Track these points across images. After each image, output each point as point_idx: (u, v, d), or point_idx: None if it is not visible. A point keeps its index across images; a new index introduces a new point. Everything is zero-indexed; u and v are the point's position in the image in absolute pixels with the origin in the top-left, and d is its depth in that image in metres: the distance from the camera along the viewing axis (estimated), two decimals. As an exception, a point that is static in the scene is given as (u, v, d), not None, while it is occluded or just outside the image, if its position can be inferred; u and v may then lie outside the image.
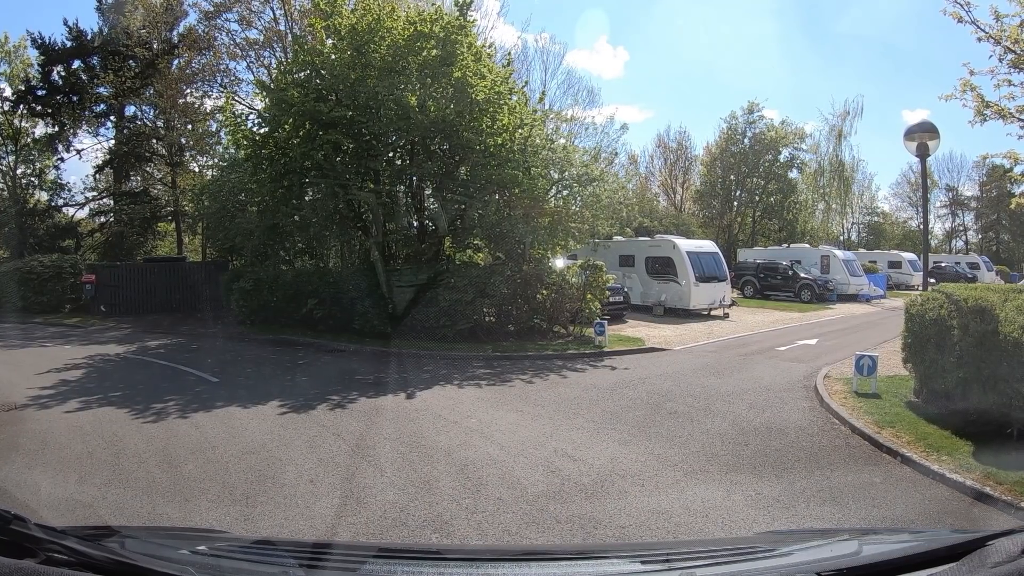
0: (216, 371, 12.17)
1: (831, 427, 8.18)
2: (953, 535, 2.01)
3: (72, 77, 30.87)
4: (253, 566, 1.91)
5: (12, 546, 1.49)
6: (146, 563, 1.61)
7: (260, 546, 2.17)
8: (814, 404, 9.43)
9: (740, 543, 2.59)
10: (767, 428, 8.02)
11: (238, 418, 8.44)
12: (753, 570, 1.91)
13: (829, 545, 2.17)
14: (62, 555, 1.52)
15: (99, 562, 1.54)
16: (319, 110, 13.73)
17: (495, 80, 14.72)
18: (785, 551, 2.07)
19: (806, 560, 1.93)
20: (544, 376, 11.60)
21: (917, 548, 1.85)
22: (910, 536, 2.42)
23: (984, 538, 1.67)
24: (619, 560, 2.18)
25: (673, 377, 11.35)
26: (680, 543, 4.08)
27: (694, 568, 1.88)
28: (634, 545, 4.25)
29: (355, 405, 9.18)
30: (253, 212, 18.19)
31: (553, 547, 4.36)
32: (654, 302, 22.61)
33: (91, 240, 33.72)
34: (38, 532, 1.56)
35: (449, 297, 14.38)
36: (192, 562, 1.80)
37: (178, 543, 2.13)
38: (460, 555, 2.29)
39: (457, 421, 8.25)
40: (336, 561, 2.02)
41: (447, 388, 10.57)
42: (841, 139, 43.79)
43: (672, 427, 8.00)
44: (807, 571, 1.72)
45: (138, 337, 18.24)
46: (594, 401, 9.48)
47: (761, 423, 8.26)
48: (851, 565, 1.69)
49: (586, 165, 15.90)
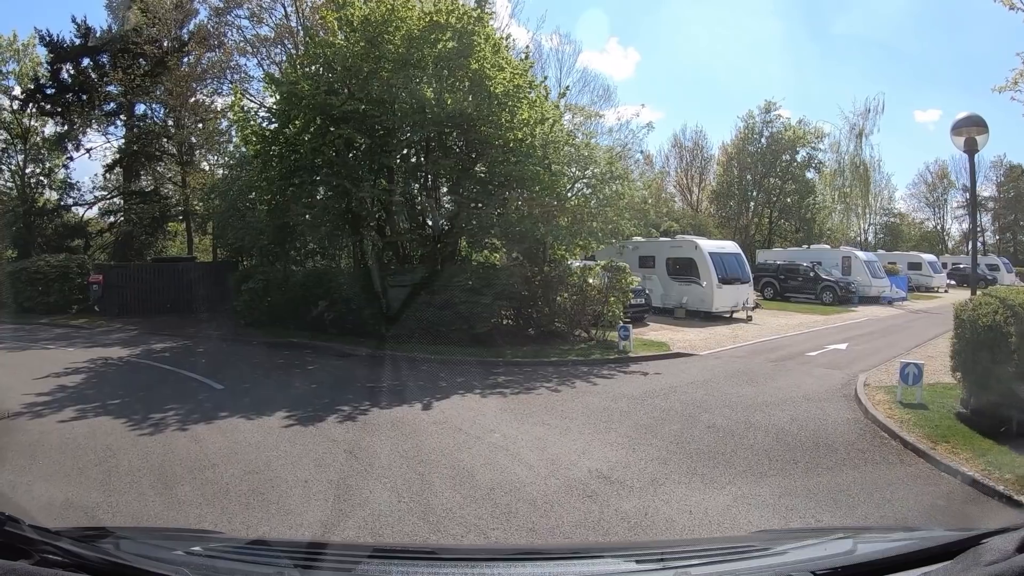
0: (221, 377, 11.54)
1: (881, 442, 7.59)
2: (947, 533, 1.98)
3: (81, 75, 30.40)
4: (248, 567, 1.89)
5: (6, 547, 1.47)
6: (140, 564, 1.60)
7: (255, 546, 2.15)
8: (858, 415, 8.85)
9: (735, 542, 2.58)
10: (814, 443, 7.41)
11: (242, 431, 7.81)
12: (748, 569, 1.89)
13: (823, 544, 2.15)
14: (56, 556, 1.51)
15: (93, 563, 1.53)
16: (330, 103, 13.05)
17: (514, 73, 14.04)
18: (780, 550, 2.06)
19: (801, 559, 1.92)
20: (570, 384, 10.93)
21: (912, 546, 1.84)
22: (904, 534, 2.39)
23: (978, 536, 1.66)
24: (614, 559, 2.16)
25: (705, 385, 10.66)
26: (675, 542, 4.06)
27: (689, 567, 1.87)
28: (629, 544, 4.23)
29: (367, 417, 8.51)
30: (262, 211, 17.61)
31: (548, 547, 4.23)
32: (675, 304, 21.86)
33: (100, 240, 33.44)
34: (32, 533, 1.55)
35: (467, 299, 13.68)
36: (187, 563, 1.77)
37: (173, 544, 2.11)
38: (455, 555, 2.24)
39: (479, 436, 7.56)
40: (331, 561, 2.00)
41: (467, 397, 9.88)
42: (862, 138, 42.85)
43: (713, 443, 7.34)
44: (802, 570, 1.70)
45: (144, 339, 17.71)
46: (625, 412, 8.80)
47: (807, 438, 7.65)
48: (846, 563, 1.69)
49: (610, 162, 15.16)
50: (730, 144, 51.72)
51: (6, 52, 31.06)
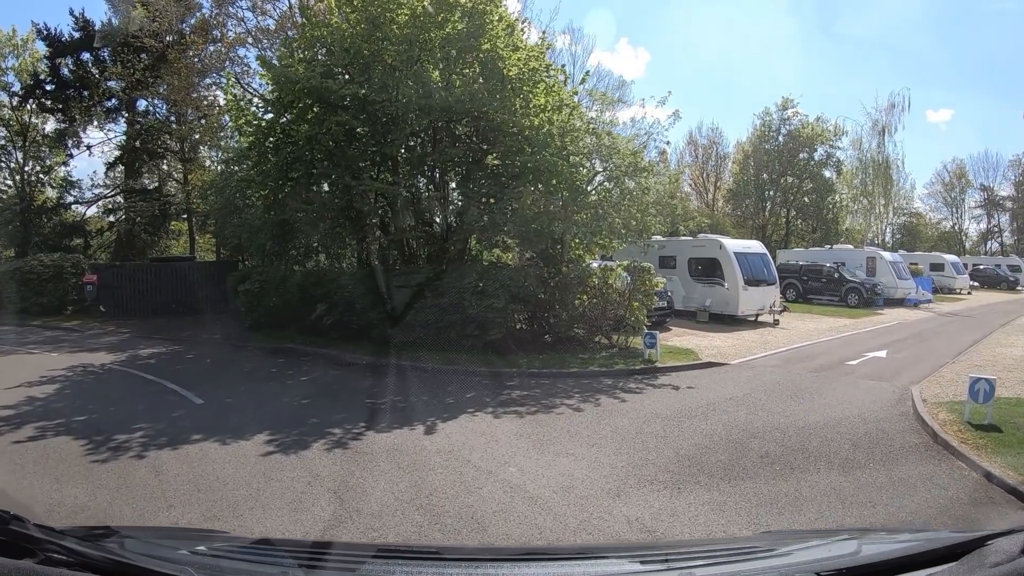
0: (204, 389, 10.39)
1: (960, 475, 6.48)
2: (953, 535, 1.89)
3: (81, 70, 29.70)
4: (252, 566, 1.86)
5: (11, 546, 1.46)
6: (145, 563, 1.58)
7: (259, 546, 2.09)
8: (926, 439, 7.73)
9: (739, 543, 2.54)
10: (889, 480, 6.26)
11: (212, 460, 6.65)
12: (752, 570, 1.84)
13: (828, 545, 2.12)
14: (61, 555, 1.49)
15: (98, 562, 1.51)
16: (327, 88, 11.81)
17: (529, 54, 12.80)
18: (784, 551, 2.02)
19: (805, 560, 1.89)
20: (593, 400, 9.65)
21: (916, 548, 1.79)
22: (910, 536, 2.28)
23: (983, 538, 1.63)
24: (618, 560, 2.12)
25: (745, 402, 9.43)
26: (679, 543, 3.96)
27: (693, 568, 1.84)
28: (633, 545, 4.12)
29: (360, 443, 7.29)
30: (259, 207, 16.50)
31: (553, 547, 4.19)
32: (697, 307, 20.58)
33: (101, 239, 32.61)
34: (37, 532, 1.54)
35: (478, 303, 12.36)
36: (191, 562, 1.75)
37: (177, 543, 2.08)
38: (459, 555, 2.17)
39: (491, 471, 6.32)
40: (335, 561, 1.98)
41: (477, 418, 8.61)
42: (884, 134, 41.28)
43: (771, 480, 6.14)
44: (806, 571, 1.67)
45: (134, 343, 16.69)
46: (661, 438, 7.57)
47: (877, 471, 6.52)
48: (850, 565, 1.65)
49: (634, 153, 13.86)
50: (746, 142, 50.79)
51: (5, 47, 30.36)
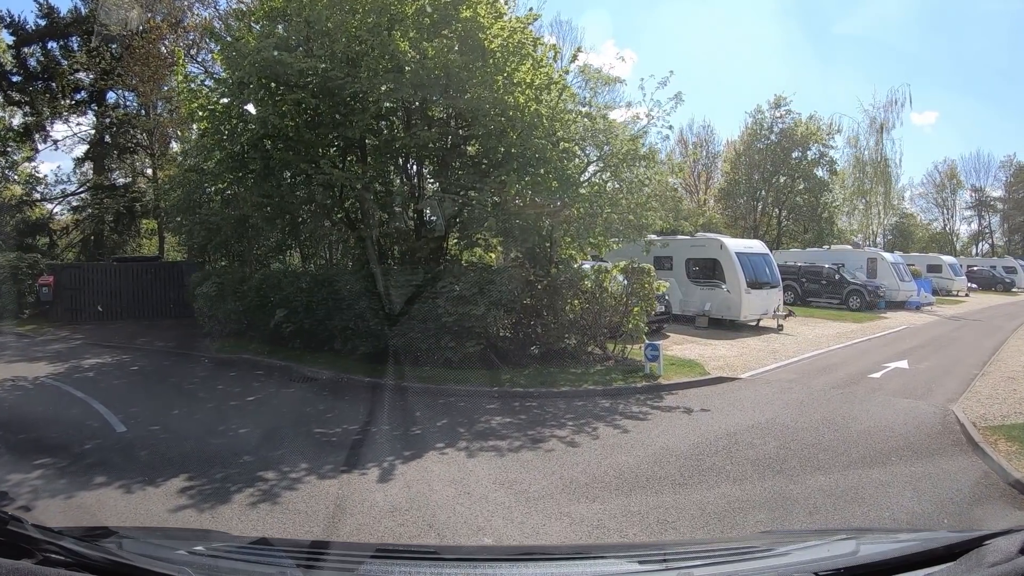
0: (132, 412, 8.76)
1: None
2: (951, 535, 1.90)
3: (49, 61, 28.20)
4: (250, 566, 1.85)
5: (9, 546, 1.46)
6: (143, 563, 1.57)
7: (257, 546, 2.06)
8: (992, 476, 6.44)
9: (737, 543, 2.50)
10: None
11: (106, 515, 5.02)
12: (750, 570, 1.84)
13: (826, 545, 2.09)
14: (59, 555, 1.50)
15: (96, 562, 1.51)
16: (281, 61, 10.10)
17: (515, 26, 11.22)
18: (782, 551, 2.00)
19: (803, 560, 1.87)
20: (590, 429, 7.96)
21: (915, 548, 1.79)
22: (908, 535, 2.28)
23: (982, 537, 1.63)
24: (616, 560, 2.10)
25: (773, 431, 7.88)
26: (677, 543, 3.89)
27: (691, 568, 1.84)
28: (632, 545, 4.07)
29: (294, 495, 5.62)
30: (217, 202, 14.89)
31: (551, 547, 4.05)
32: (696, 311, 19.14)
33: (68, 239, 30.89)
34: (35, 532, 1.54)
35: (453, 309, 10.74)
36: (189, 562, 1.74)
37: (175, 543, 2.07)
38: (458, 555, 2.18)
39: (461, 541, 4.70)
40: (334, 561, 1.97)
41: (446, 457, 6.86)
42: (883, 132, 40.04)
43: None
44: (804, 571, 1.66)
45: (82, 351, 15.07)
46: (678, 484, 6.02)
47: (951, 529, 5.01)
48: (849, 565, 1.65)
49: (633, 138, 12.33)
50: (738, 141, 49.64)
51: (-32, 38, 28.47)
